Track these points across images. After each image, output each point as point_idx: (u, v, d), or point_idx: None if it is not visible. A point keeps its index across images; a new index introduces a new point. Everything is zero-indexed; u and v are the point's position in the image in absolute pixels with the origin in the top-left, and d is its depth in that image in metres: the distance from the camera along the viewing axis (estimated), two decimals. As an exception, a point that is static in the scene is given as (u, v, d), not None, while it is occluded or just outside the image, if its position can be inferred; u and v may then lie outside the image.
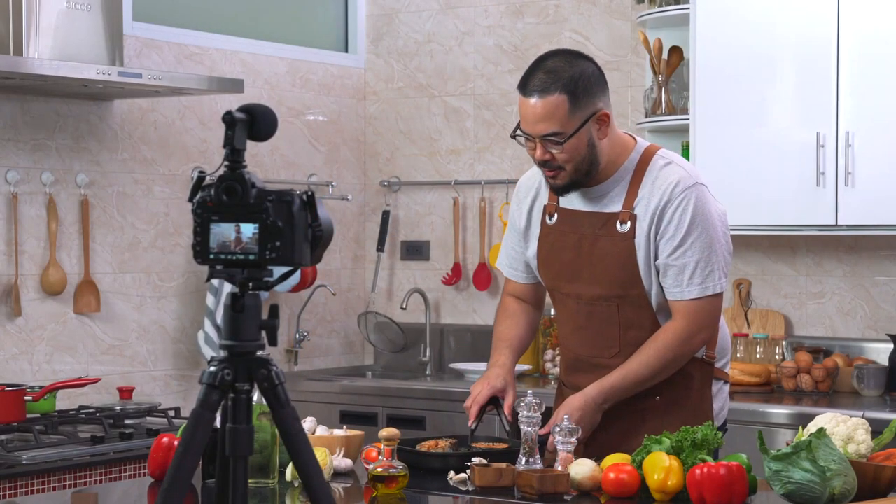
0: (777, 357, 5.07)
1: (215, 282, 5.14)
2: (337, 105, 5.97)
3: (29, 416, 4.32)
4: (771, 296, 5.26)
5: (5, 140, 4.68)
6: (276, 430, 2.30)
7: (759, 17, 4.87)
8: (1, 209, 4.67)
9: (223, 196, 2.00)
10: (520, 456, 3.04)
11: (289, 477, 3.00)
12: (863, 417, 2.96)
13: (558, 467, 2.98)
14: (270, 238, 1.99)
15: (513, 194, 3.52)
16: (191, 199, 2.02)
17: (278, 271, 2.03)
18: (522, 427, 3.05)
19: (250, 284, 2.01)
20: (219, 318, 5.12)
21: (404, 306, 5.79)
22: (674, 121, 5.17)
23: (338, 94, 5.97)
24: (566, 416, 3.09)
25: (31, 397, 4.40)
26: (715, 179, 3.53)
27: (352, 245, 6.05)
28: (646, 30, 5.35)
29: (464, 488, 2.98)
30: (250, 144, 2.03)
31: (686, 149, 5.06)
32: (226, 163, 2.01)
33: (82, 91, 4.68)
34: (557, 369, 5.14)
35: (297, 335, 5.76)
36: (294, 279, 5.48)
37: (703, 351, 3.29)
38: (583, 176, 3.22)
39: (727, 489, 2.70)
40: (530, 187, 3.42)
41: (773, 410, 4.53)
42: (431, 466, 3.13)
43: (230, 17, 5.63)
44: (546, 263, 3.37)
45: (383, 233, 6.01)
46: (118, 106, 5.04)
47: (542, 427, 3.08)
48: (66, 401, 4.69)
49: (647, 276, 3.23)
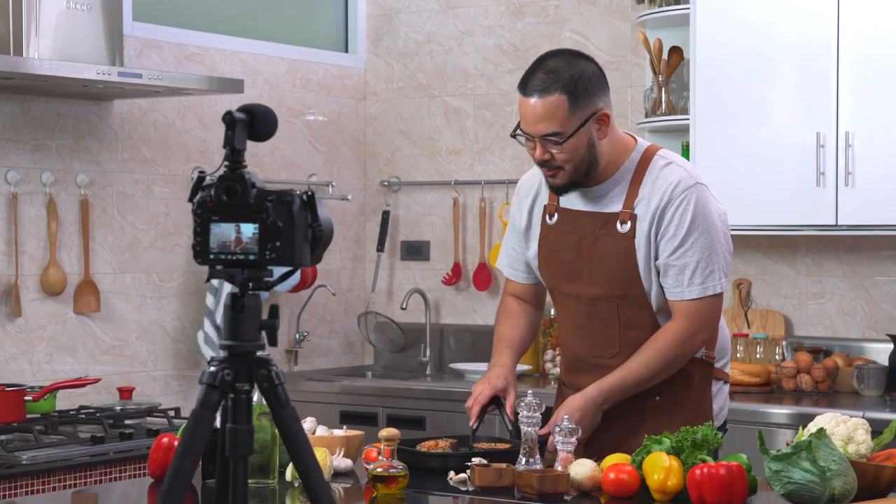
0: (777, 357, 5.07)
1: (215, 282, 5.14)
2: (337, 105, 5.97)
3: (29, 416, 4.32)
4: (771, 296, 5.26)
5: (5, 140, 4.68)
6: (276, 430, 2.30)
7: (759, 17, 4.87)
8: (1, 209, 4.67)
9: (223, 196, 2.00)
10: (520, 456, 3.04)
11: (289, 477, 3.00)
12: (863, 417, 2.96)
13: (558, 467, 2.98)
14: (270, 238, 1.99)
15: (513, 194, 3.52)
16: (191, 200, 2.02)
17: (278, 271, 2.03)
18: (522, 427, 3.05)
19: (250, 284, 2.01)
20: (219, 318, 5.12)
21: (404, 306, 5.78)
22: (674, 121, 5.17)
23: (338, 94, 5.97)
24: (566, 417, 3.09)
25: (31, 397, 4.40)
26: (715, 179, 3.53)
27: (352, 245, 6.05)
28: (646, 30, 5.35)
29: (464, 488, 2.98)
30: (250, 144, 2.03)
31: (686, 149, 5.05)
32: (226, 163, 2.01)
33: (82, 91, 4.68)
34: (557, 369, 5.14)
35: (297, 335, 5.76)
36: (294, 279, 5.48)
37: (702, 351, 3.29)
38: (582, 176, 3.22)
39: (727, 489, 2.70)
40: (530, 187, 3.42)
41: (773, 410, 4.53)
42: (431, 466, 3.12)
43: (230, 17, 5.62)
44: (546, 263, 3.37)
45: (383, 233, 6.00)
46: (118, 106, 5.04)
47: (542, 427, 3.08)
48: (66, 401, 4.69)
49: (647, 277, 3.23)
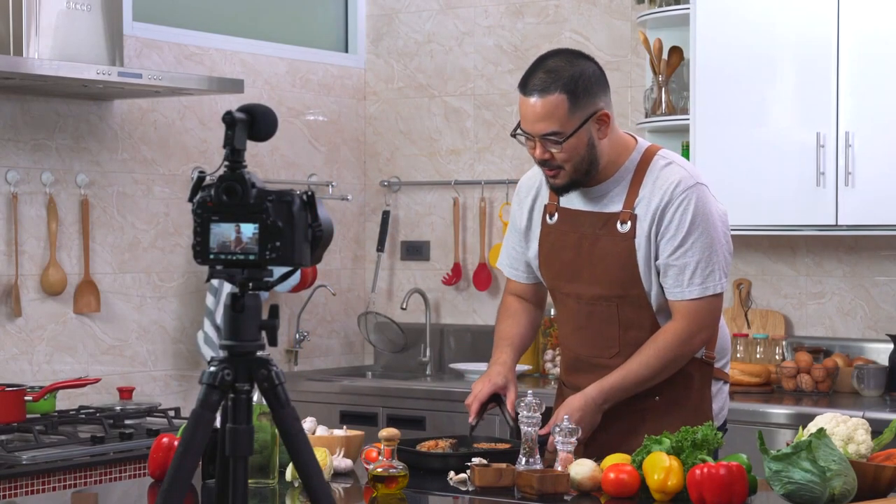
0: (777, 357, 5.07)
1: (215, 282, 5.14)
2: (337, 105, 5.97)
3: (29, 416, 4.32)
4: (771, 296, 5.26)
5: (5, 140, 4.68)
6: (276, 431, 2.30)
7: (759, 17, 4.87)
8: (1, 209, 4.67)
9: (223, 196, 1.99)
10: (520, 456, 3.04)
11: (289, 477, 3.00)
12: (863, 417, 2.96)
13: (558, 467, 2.98)
14: (270, 238, 1.99)
15: (513, 194, 3.52)
16: (191, 200, 2.02)
17: (278, 271, 2.03)
18: (522, 427, 3.05)
19: (250, 284, 2.01)
20: (218, 318, 5.12)
21: (404, 306, 5.78)
22: (674, 121, 5.17)
23: (338, 94, 5.97)
24: (566, 417, 3.09)
25: (31, 397, 4.40)
26: (715, 179, 3.53)
27: (352, 245, 6.05)
28: (646, 30, 5.35)
29: (464, 488, 2.98)
30: (250, 144, 2.03)
31: (686, 149, 5.05)
32: (226, 163, 2.01)
33: (82, 91, 4.68)
34: (557, 369, 5.14)
35: (297, 335, 5.76)
36: (294, 279, 5.48)
37: (702, 351, 3.29)
38: (582, 175, 3.22)
39: (727, 489, 2.70)
40: (531, 187, 3.42)
41: (773, 410, 4.53)
42: (431, 466, 3.12)
43: (230, 17, 5.62)
44: (547, 263, 3.37)
45: (383, 233, 6.00)
46: (118, 106, 5.04)
47: (542, 427, 3.08)
48: (66, 401, 4.69)
49: (647, 277, 3.23)
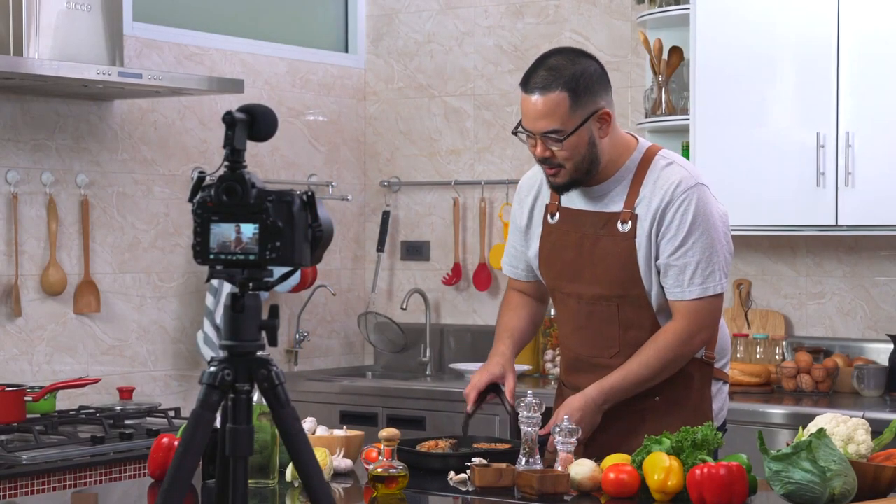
0: (777, 357, 5.07)
1: (215, 282, 5.14)
2: (337, 105, 5.97)
3: (29, 416, 4.32)
4: (771, 296, 5.26)
5: (5, 140, 4.68)
6: (276, 431, 2.30)
7: (759, 17, 4.87)
8: (1, 209, 4.67)
9: (223, 196, 1.99)
10: (520, 456, 3.04)
11: (289, 477, 3.00)
12: (863, 418, 2.96)
13: (558, 467, 2.98)
14: (270, 238, 1.99)
15: (513, 194, 3.52)
16: (191, 200, 2.02)
17: (278, 271, 2.03)
18: (522, 427, 3.05)
19: (250, 284, 2.01)
20: (218, 318, 5.12)
21: (404, 306, 5.78)
22: (674, 121, 5.17)
23: (338, 94, 5.97)
24: (566, 417, 3.09)
25: (31, 397, 4.40)
26: (715, 179, 3.53)
27: (352, 245, 6.05)
28: (646, 30, 5.35)
29: (464, 488, 2.98)
30: (250, 145, 2.03)
31: (686, 149, 5.05)
32: (226, 163, 2.01)
33: (82, 91, 4.68)
34: (557, 369, 5.13)
35: (297, 335, 5.76)
36: (294, 279, 5.48)
37: (702, 351, 3.29)
38: (583, 174, 3.22)
39: (727, 489, 2.70)
40: (531, 187, 3.42)
41: (773, 410, 4.53)
42: (431, 467, 3.12)
43: (230, 17, 5.62)
44: (547, 263, 3.37)
45: (383, 233, 6.00)
46: (118, 106, 5.04)
47: (542, 427, 3.08)
48: (66, 401, 4.69)
49: (647, 277, 3.23)
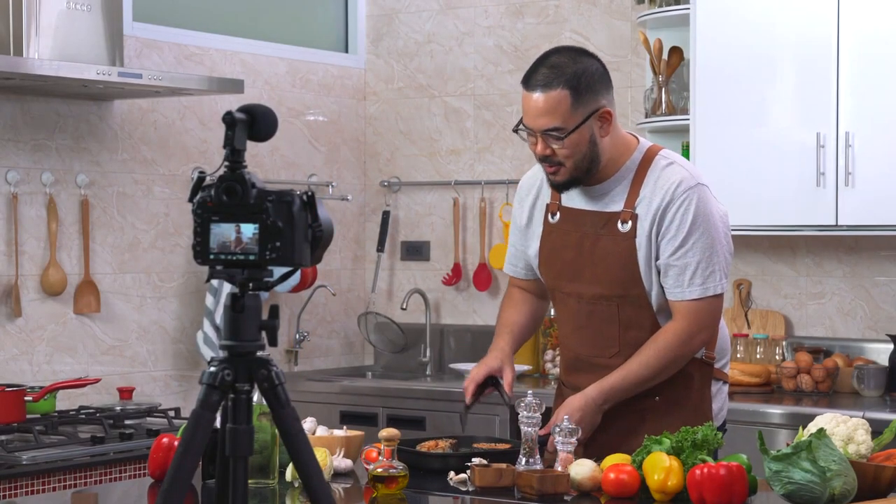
0: (777, 357, 5.07)
1: (215, 282, 5.14)
2: (337, 105, 5.97)
3: (29, 416, 4.32)
4: (771, 296, 5.26)
5: (5, 140, 4.68)
6: (276, 431, 2.30)
7: (759, 17, 4.87)
8: (1, 209, 4.67)
9: (223, 196, 2.00)
10: (520, 456, 3.04)
11: (289, 477, 3.00)
12: (863, 418, 2.96)
13: (558, 468, 2.98)
14: (270, 238, 1.99)
15: (513, 194, 3.52)
16: (191, 200, 2.02)
17: (278, 271, 2.03)
18: (522, 427, 3.05)
19: (250, 285, 2.01)
20: (218, 318, 5.12)
21: (404, 307, 5.78)
22: (674, 121, 5.17)
23: (338, 94, 5.97)
24: (566, 417, 3.09)
25: (31, 397, 4.40)
26: (715, 179, 3.53)
27: (352, 245, 6.05)
28: (646, 30, 5.35)
29: (464, 489, 2.98)
30: (250, 145, 2.03)
31: (686, 149, 5.05)
32: (226, 163, 2.01)
33: (82, 91, 4.68)
34: (557, 369, 5.13)
35: (297, 335, 5.76)
36: (294, 279, 5.48)
37: (702, 351, 3.29)
38: (583, 173, 3.22)
39: (727, 489, 2.70)
40: (532, 186, 3.42)
41: (773, 410, 4.53)
42: (431, 467, 3.12)
43: (230, 17, 5.62)
44: (547, 262, 3.37)
45: (383, 233, 6.00)
46: (118, 106, 5.04)
47: (542, 427, 3.08)
48: (66, 401, 4.69)
49: (647, 276, 3.23)
